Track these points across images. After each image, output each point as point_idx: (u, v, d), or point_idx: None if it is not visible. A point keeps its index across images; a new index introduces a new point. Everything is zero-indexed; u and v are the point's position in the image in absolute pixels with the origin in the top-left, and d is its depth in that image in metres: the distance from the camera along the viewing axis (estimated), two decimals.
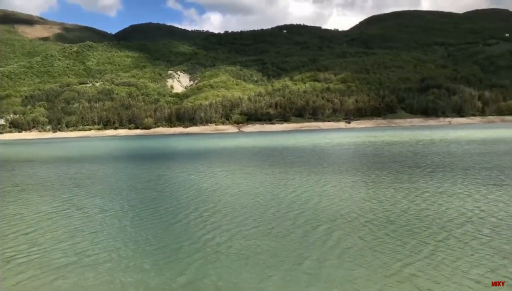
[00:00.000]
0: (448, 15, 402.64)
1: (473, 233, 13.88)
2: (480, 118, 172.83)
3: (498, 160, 34.11)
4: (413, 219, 16.00)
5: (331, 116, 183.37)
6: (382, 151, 48.68)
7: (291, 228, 15.36)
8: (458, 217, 15.94)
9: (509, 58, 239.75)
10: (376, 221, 15.95)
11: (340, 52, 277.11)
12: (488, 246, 12.49)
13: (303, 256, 12.25)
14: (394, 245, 12.92)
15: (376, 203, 19.19)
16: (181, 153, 61.90)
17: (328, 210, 18.12)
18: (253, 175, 30.65)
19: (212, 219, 17.28)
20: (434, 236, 13.70)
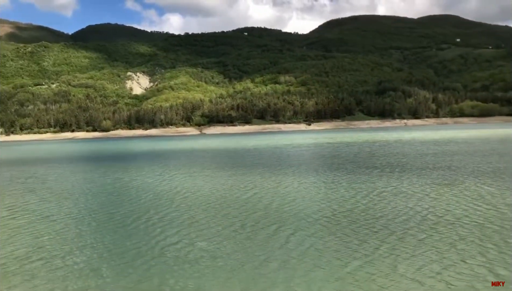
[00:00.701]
0: (403, 20, 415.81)
1: (428, 230, 14.33)
2: (434, 120, 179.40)
3: (450, 160, 35.47)
4: (371, 218, 16.36)
5: (292, 118, 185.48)
6: (340, 152, 49.62)
7: (252, 231, 15.38)
8: (414, 216, 16.42)
9: (460, 62, 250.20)
10: (335, 221, 16.22)
11: (300, 55, 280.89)
12: (444, 242, 12.93)
13: (264, 258, 12.28)
14: (354, 245, 13.16)
15: (335, 203, 19.52)
16: (140, 155, 60.84)
17: (288, 211, 18.27)
18: (213, 177, 30.51)
19: (172, 223, 17.07)
20: (392, 235, 14.05)
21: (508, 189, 21.07)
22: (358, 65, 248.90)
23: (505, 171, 27.25)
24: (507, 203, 17.82)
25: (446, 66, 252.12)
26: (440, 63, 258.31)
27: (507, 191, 20.54)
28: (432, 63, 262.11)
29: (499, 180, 23.72)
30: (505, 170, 27.73)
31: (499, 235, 13.49)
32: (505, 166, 29.54)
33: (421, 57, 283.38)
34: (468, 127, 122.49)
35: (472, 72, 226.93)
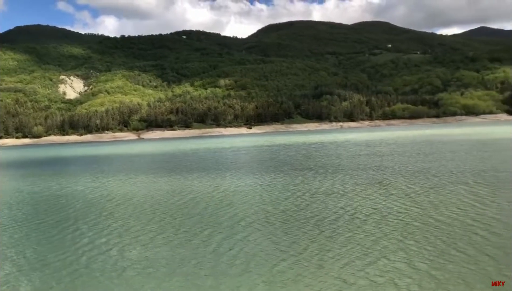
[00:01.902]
0: (338, 26, 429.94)
1: (355, 229, 14.85)
2: (368, 122, 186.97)
3: (380, 160, 37.10)
4: (302, 218, 16.68)
5: (233, 122, 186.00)
6: (279, 154, 50.41)
7: (185, 237, 15.20)
8: (343, 215, 16.94)
9: (391, 66, 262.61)
10: (268, 223, 16.39)
11: (239, 59, 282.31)
12: (369, 240, 13.44)
13: (195, 264, 12.16)
14: (283, 246, 13.32)
15: (270, 205, 19.74)
16: (73, 162, 58.44)
17: (223, 215, 18.25)
18: (149, 183, 29.91)
19: (101, 232, 16.50)
20: (321, 234, 14.40)
21: (431, 187, 22.34)
22: (296, 69, 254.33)
23: (430, 170, 28.89)
24: (430, 201, 18.87)
25: (378, 70, 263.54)
26: (372, 68, 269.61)
27: (430, 189, 21.76)
28: (366, 68, 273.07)
29: (424, 179, 25.11)
30: (430, 169, 29.39)
31: (421, 231, 14.25)
32: (429, 166, 31.31)
33: (355, 62, 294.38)
34: (399, 129, 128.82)
35: (402, 76, 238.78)
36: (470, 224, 14.74)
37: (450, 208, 17.21)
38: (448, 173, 26.89)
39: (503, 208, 16.74)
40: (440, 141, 57.52)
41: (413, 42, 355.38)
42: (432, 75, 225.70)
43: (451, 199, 18.85)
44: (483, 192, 20.10)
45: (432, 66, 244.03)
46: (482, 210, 16.51)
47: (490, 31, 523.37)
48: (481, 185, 22.01)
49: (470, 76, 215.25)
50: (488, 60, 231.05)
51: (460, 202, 18.24)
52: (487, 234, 13.37)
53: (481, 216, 15.69)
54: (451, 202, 18.21)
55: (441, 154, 39.74)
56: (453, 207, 17.25)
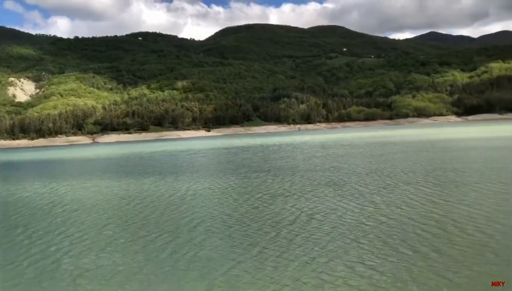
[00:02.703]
0: (294, 30, 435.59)
1: (298, 229, 15.13)
2: (325, 124, 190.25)
3: (336, 161, 37.89)
4: (250, 222, 16.83)
5: (191, 125, 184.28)
6: (236, 156, 50.46)
7: (141, 243, 14.96)
8: (289, 216, 17.23)
9: (347, 70, 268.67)
10: (226, 226, 16.40)
11: (197, 62, 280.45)
12: (312, 240, 13.74)
13: (149, 272, 12.00)
14: (241, 249, 13.41)
15: (228, 208, 19.74)
16: (22, 167, 56.16)
17: (180, 219, 18.06)
18: (102, 188, 29.20)
19: (54, 239, 15.96)
20: (265, 235, 14.58)
21: (384, 187, 23.04)
22: (254, 72, 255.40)
23: (383, 170, 29.77)
24: (383, 200, 19.46)
25: (334, 74, 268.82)
26: (329, 71, 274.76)
27: (383, 189, 22.44)
28: (322, 71, 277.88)
29: (378, 180, 25.86)
30: (383, 170, 30.29)
31: (373, 230, 14.66)
32: (383, 166, 32.26)
33: (312, 66, 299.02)
34: (354, 130, 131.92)
35: (357, 79, 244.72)
36: (420, 221, 15.32)
37: (401, 206, 17.82)
38: (399, 173, 27.81)
39: (451, 205, 17.50)
40: (393, 143, 59.38)
41: (367, 46, 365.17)
42: (385, 79, 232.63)
43: (402, 198, 19.52)
44: (432, 191, 20.94)
45: (385, 70, 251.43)
46: (431, 208, 17.20)
47: (439, 36, 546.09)
48: (430, 184, 22.92)
49: (421, 80, 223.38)
50: (438, 64, 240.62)
51: (411, 200, 18.93)
52: (436, 231, 13.94)
53: (430, 213, 16.35)
54: (402, 201, 18.86)
55: (393, 155, 41.04)
56: (404, 206, 17.87)
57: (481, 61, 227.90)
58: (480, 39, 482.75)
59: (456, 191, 20.66)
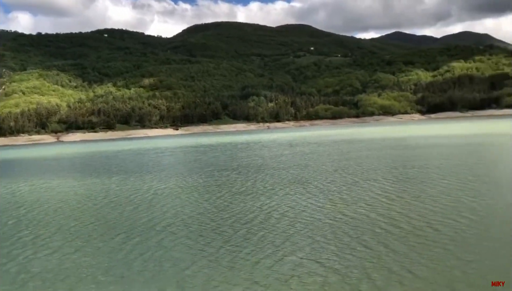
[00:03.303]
0: (263, 28, 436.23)
1: (268, 227, 15.13)
2: (294, 123, 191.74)
3: (303, 159, 38.21)
4: (219, 219, 16.65)
5: (159, 123, 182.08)
6: (204, 155, 50.15)
7: (96, 243, 14.62)
8: (259, 215, 17.23)
9: (314, 68, 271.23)
10: (185, 225, 16.21)
11: (164, 59, 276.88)
12: (280, 238, 13.78)
13: (103, 272, 11.73)
14: (197, 249, 13.28)
15: (190, 207, 19.55)
16: None
17: (139, 219, 17.72)
18: (64, 187, 28.44)
19: (6, 242, 15.36)
20: (235, 234, 14.52)
21: (345, 185, 23.36)
22: (222, 70, 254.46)
23: (346, 168, 30.21)
24: (343, 198, 19.72)
25: (302, 72, 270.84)
26: (297, 70, 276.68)
27: (343, 186, 22.73)
28: (290, 70, 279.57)
29: (340, 177, 26.22)
30: (347, 167, 30.74)
31: (330, 227, 14.83)
32: (346, 164, 32.74)
33: (280, 64, 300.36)
34: (322, 128, 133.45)
35: (325, 78, 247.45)
36: (375, 218, 15.56)
37: (360, 204, 18.09)
38: (363, 170, 28.28)
39: (408, 203, 17.88)
40: (358, 141, 60.39)
41: (334, 46, 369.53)
42: (352, 77, 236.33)
43: (362, 195, 19.83)
44: (391, 188, 21.38)
45: (352, 69, 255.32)
46: (388, 205, 17.53)
47: (404, 36, 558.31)
48: (390, 181, 23.40)
49: (387, 79, 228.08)
50: (403, 63, 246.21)
51: (370, 198, 19.25)
52: (391, 228, 14.19)
53: (387, 211, 16.66)
54: (361, 198, 19.14)
55: (358, 153, 41.71)
56: (362, 203, 18.12)
57: (444, 61, 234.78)
58: (443, 39, 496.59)
59: (414, 187, 21.15)
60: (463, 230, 13.40)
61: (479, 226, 13.68)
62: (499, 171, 25.34)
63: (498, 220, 14.62)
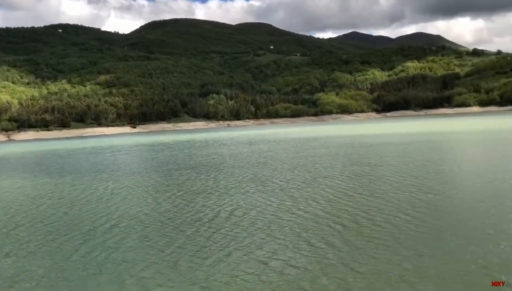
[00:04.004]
0: (222, 26, 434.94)
1: (217, 226, 15.17)
2: (254, 121, 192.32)
3: (261, 157, 38.42)
4: (178, 219, 16.56)
5: (116, 121, 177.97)
6: (162, 154, 49.50)
7: (52, 246, 14.12)
8: (209, 213, 17.24)
9: (274, 67, 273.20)
10: (144, 226, 15.99)
11: (121, 56, 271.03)
12: (227, 236, 13.84)
13: (59, 275, 11.38)
14: (142, 250, 13.14)
15: (148, 207, 19.27)
16: None
17: (97, 220, 17.33)
18: (14, 188, 27.35)
19: None
20: (181, 234, 14.49)
21: (303, 182, 23.69)
22: (181, 67, 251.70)
23: (305, 166, 30.63)
24: (302, 195, 19.99)
25: (262, 71, 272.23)
26: (257, 68, 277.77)
27: (303, 184, 23.06)
28: (250, 68, 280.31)
29: (299, 175, 26.55)
30: (305, 165, 31.18)
31: (279, 226, 15.01)
32: (304, 162, 33.20)
33: (240, 62, 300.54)
34: (281, 127, 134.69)
35: (284, 77, 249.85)
36: (324, 216, 15.82)
37: (318, 200, 18.38)
38: (320, 168, 28.77)
39: (363, 198, 18.34)
40: (316, 138, 61.35)
41: (293, 45, 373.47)
42: (310, 76, 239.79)
43: (320, 192, 20.16)
44: (344, 185, 21.85)
45: (310, 68, 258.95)
46: (344, 202, 17.92)
47: (361, 36, 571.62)
48: (345, 178, 23.94)
49: (344, 78, 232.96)
50: (360, 63, 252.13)
51: (327, 194, 19.62)
52: (338, 226, 14.41)
53: (337, 208, 16.99)
54: (313, 196, 19.38)
55: (315, 150, 42.37)
56: (313, 201, 18.32)
57: (399, 61, 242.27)
58: (398, 40, 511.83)
59: (369, 184, 21.74)
60: (407, 226, 13.81)
61: (423, 223, 14.16)
62: (448, 167, 26.41)
63: (442, 216, 15.22)
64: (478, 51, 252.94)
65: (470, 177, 22.84)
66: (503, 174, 22.22)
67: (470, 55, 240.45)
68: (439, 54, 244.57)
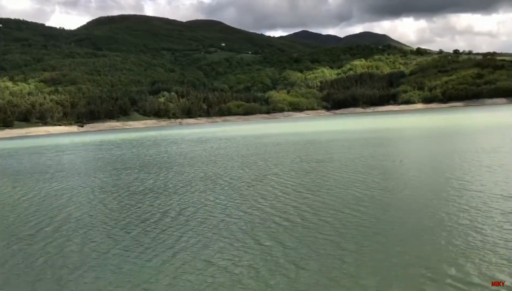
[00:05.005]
0: (173, 22, 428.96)
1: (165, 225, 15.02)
2: (206, 119, 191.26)
3: (212, 155, 38.28)
4: (114, 222, 16.25)
5: (62, 120, 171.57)
6: (109, 153, 48.19)
7: None
8: (156, 213, 17.02)
9: (226, 65, 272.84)
10: (76, 229, 15.56)
11: (68, 52, 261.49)
12: (172, 235, 13.69)
13: None
14: (84, 254, 12.83)
15: (92, 209, 18.72)
16: None
17: (37, 223, 16.67)
18: None
19: None
20: (128, 234, 14.23)
21: (253, 180, 23.81)
22: (131, 64, 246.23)
23: (256, 163, 30.80)
24: (251, 193, 20.07)
25: (214, 68, 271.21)
26: (208, 66, 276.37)
27: (252, 181, 23.18)
28: (202, 66, 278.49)
29: (249, 173, 26.66)
30: (255, 163, 31.35)
31: (226, 224, 15.01)
32: (255, 159, 33.38)
33: (191, 59, 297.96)
34: (233, 124, 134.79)
35: (236, 74, 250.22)
36: (271, 213, 15.96)
37: (258, 199, 18.39)
38: (267, 165, 29.02)
39: (306, 196, 18.61)
40: (266, 136, 61.86)
41: (244, 42, 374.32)
42: (262, 74, 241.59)
43: (268, 189, 20.30)
44: (296, 182, 22.18)
45: (262, 66, 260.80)
46: (291, 198, 18.16)
47: (310, 35, 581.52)
48: (293, 174, 24.30)
49: (295, 76, 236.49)
50: (310, 61, 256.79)
51: (274, 191, 19.79)
52: (287, 224, 14.54)
53: (290, 202, 17.26)
54: (261, 194, 19.47)
55: (266, 148, 42.71)
56: (261, 198, 18.41)
57: (347, 60, 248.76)
58: (346, 39, 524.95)
59: (317, 180, 22.15)
60: (350, 221, 14.12)
61: (366, 217, 14.56)
62: (391, 163, 27.40)
63: (384, 209, 15.76)
64: (422, 50, 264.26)
65: (411, 171, 23.79)
66: (441, 168, 23.32)
67: (414, 54, 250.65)
68: (385, 53, 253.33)
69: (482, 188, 17.41)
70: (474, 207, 14.65)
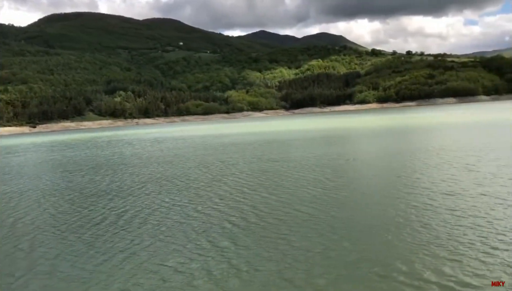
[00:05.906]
0: (129, 21, 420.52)
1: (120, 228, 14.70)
2: (164, 119, 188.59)
3: (168, 155, 37.77)
4: (74, 224, 15.75)
5: (13, 121, 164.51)
6: (60, 154, 46.63)
7: None
8: (111, 215, 16.62)
9: (184, 64, 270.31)
10: (19, 234, 14.98)
11: (18, 50, 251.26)
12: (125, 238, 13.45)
13: None
14: (28, 261, 12.36)
15: (29, 212, 18.06)
16: None
17: None
18: None
19: None
20: (81, 238, 13.85)
21: (213, 179, 23.67)
22: (85, 63, 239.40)
23: (213, 164, 30.65)
24: (201, 194, 19.93)
25: (171, 67, 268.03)
26: (166, 65, 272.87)
27: (203, 182, 23.03)
28: (159, 65, 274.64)
29: (207, 172, 26.48)
30: (211, 163, 31.18)
31: (181, 225, 14.85)
32: (212, 159, 33.22)
33: (148, 58, 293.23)
34: (192, 124, 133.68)
35: (195, 74, 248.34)
36: (228, 213, 15.86)
37: (215, 199, 18.24)
38: (224, 165, 28.94)
39: (263, 196, 18.68)
40: (225, 135, 61.73)
41: (203, 41, 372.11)
42: (221, 74, 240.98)
43: (219, 191, 20.20)
44: (253, 181, 22.20)
45: (221, 65, 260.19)
46: (240, 199, 18.14)
47: (268, 35, 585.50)
48: (245, 175, 24.31)
49: (254, 76, 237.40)
50: (268, 61, 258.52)
51: (231, 191, 19.74)
52: (243, 224, 14.51)
53: (238, 203, 17.24)
54: (217, 194, 19.37)
55: (223, 148, 42.58)
56: (217, 199, 18.28)
57: (305, 60, 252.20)
58: (303, 40, 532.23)
59: (273, 179, 22.24)
60: (303, 220, 14.27)
61: (320, 214, 14.79)
62: (345, 161, 27.97)
63: (337, 207, 16.05)
64: (376, 51, 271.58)
65: (363, 169, 24.38)
66: (392, 166, 24.02)
67: (369, 55, 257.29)
68: (341, 54, 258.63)
69: (430, 185, 18.05)
70: (423, 203, 15.17)
